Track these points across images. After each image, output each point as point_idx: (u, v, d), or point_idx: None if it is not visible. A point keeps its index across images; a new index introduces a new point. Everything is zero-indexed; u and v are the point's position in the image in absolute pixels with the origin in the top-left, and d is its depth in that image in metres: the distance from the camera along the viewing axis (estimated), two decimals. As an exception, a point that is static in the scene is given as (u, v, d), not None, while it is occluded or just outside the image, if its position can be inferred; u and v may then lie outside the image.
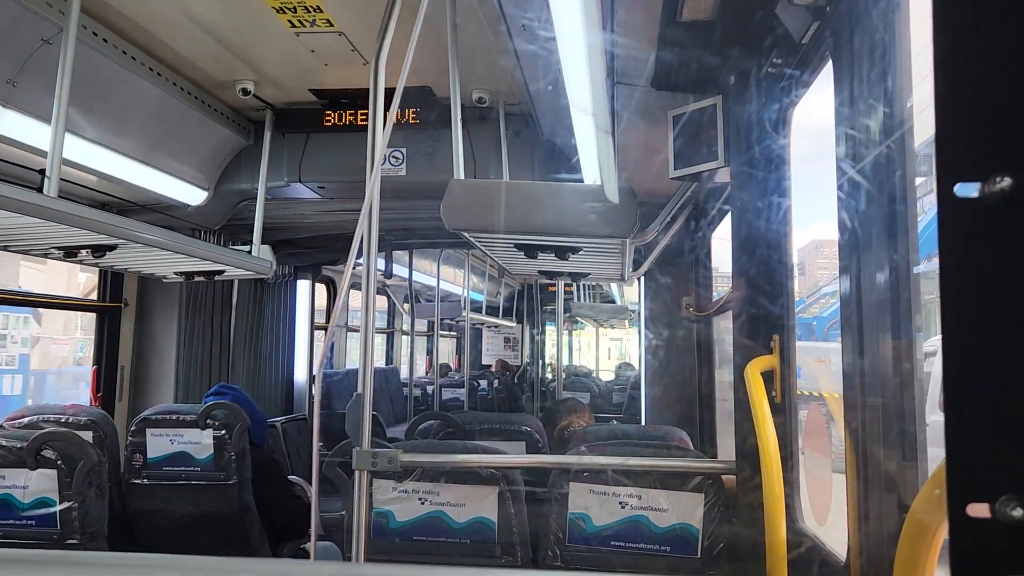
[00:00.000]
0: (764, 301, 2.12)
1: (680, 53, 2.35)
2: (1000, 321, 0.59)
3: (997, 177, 0.59)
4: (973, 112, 0.62)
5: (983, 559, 0.57)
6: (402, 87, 1.81)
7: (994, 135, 0.61)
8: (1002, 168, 0.59)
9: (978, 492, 0.58)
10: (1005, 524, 0.56)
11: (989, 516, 0.57)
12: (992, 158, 0.60)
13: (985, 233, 0.59)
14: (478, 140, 3.76)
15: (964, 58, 0.63)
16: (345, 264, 2.02)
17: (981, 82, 0.62)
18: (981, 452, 0.60)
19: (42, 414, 3.41)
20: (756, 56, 2.11)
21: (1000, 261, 0.58)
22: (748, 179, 2.21)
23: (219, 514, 3.44)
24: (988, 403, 0.60)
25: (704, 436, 4.11)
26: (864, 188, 1.46)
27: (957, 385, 0.61)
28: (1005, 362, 0.59)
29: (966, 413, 0.61)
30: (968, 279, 0.60)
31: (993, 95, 0.61)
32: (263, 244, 3.96)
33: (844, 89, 1.56)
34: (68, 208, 2.40)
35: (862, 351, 1.46)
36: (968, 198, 0.60)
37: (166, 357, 4.70)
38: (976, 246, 0.60)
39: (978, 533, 0.58)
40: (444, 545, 2.46)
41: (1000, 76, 0.62)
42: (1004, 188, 0.58)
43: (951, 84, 0.63)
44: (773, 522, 1.74)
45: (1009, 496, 0.57)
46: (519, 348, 13.40)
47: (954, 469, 0.60)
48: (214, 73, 3.42)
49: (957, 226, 0.60)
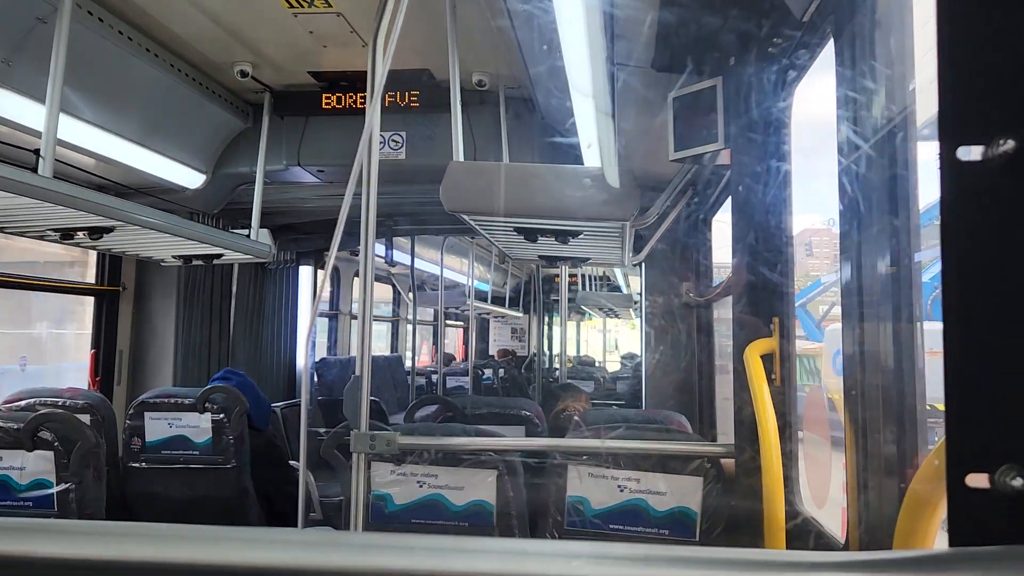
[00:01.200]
0: (763, 285, 2.10)
1: (680, 34, 2.33)
2: (1002, 288, 0.58)
3: (1000, 140, 0.57)
4: (976, 75, 0.60)
5: (982, 529, 0.56)
6: (387, 66, 1.79)
7: (997, 98, 0.59)
8: (1005, 131, 0.58)
9: (978, 463, 0.58)
10: (1004, 494, 0.55)
11: (989, 486, 0.56)
12: (995, 121, 0.59)
13: (988, 195, 0.58)
14: (478, 123, 3.73)
15: (967, 22, 0.61)
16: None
17: (984, 45, 0.60)
18: (981, 423, 0.59)
19: (39, 397, 3.41)
20: (757, 36, 2.08)
21: (1003, 224, 0.57)
22: (748, 160, 2.19)
23: (217, 498, 3.44)
24: (988, 374, 0.59)
25: (703, 420, 4.11)
26: (865, 169, 1.44)
27: (958, 355, 0.60)
28: (1007, 330, 0.58)
29: (966, 384, 0.60)
30: (971, 242, 0.58)
31: (996, 58, 0.60)
32: (262, 228, 3.95)
33: (846, 67, 1.54)
34: (63, 188, 2.39)
35: (863, 328, 1.45)
36: (971, 161, 0.58)
37: (165, 341, 4.70)
38: (979, 211, 0.59)
39: (977, 503, 0.57)
40: (442, 528, 2.46)
41: (1002, 39, 0.60)
42: (1007, 151, 0.57)
43: (954, 47, 0.62)
44: (772, 503, 1.73)
45: (1009, 466, 0.56)
46: (526, 338, 13.40)
47: (954, 440, 0.59)
48: (212, 55, 3.39)
49: (960, 189, 0.59)
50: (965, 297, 0.60)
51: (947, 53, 0.62)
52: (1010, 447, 0.57)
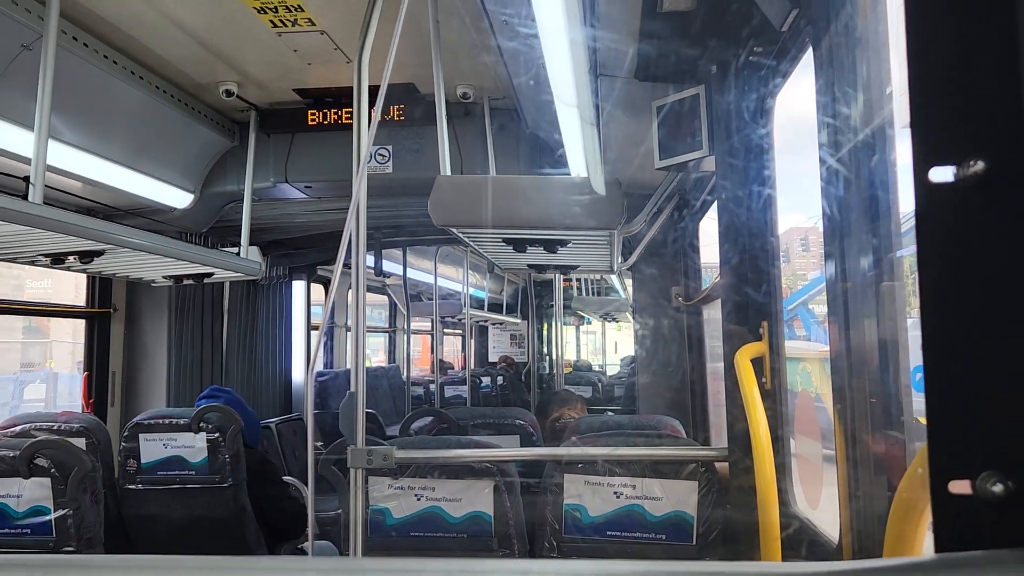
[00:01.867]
0: (751, 288, 2.13)
1: (661, 44, 2.36)
2: (977, 302, 0.60)
3: (971, 161, 0.60)
4: (947, 97, 0.63)
5: (965, 534, 0.58)
6: (386, 84, 1.81)
7: (968, 119, 0.62)
8: (976, 152, 0.60)
9: (959, 470, 0.60)
10: (986, 500, 0.57)
11: (970, 492, 0.58)
12: (966, 142, 0.61)
13: (961, 216, 0.60)
14: (464, 136, 3.76)
15: (937, 43, 0.64)
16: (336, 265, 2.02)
17: (954, 66, 0.63)
18: (961, 430, 0.61)
19: (34, 422, 3.40)
20: (737, 45, 2.12)
21: (975, 243, 0.60)
22: (732, 167, 2.22)
23: (215, 517, 3.44)
24: (967, 383, 0.61)
25: (697, 424, 4.13)
26: (844, 174, 1.47)
27: (937, 365, 0.62)
28: (983, 341, 0.60)
29: (946, 393, 0.62)
30: (945, 261, 0.61)
31: (965, 79, 0.62)
32: (251, 245, 3.95)
33: (824, 76, 1.57)
34: (54, 215, 2.39)
35: (848, 335, 1.48)
36: (943, 183, 0.61)
37: (157, 361, 4.69)
38: (952, 230, 0.61)
39: (960, 509, 0.59)
40: (441, 540, 2.47)
41: (972, 60, 0.63)
42: (978, 171, 0.59)
43: (924, 69, 0.64)
44: (766, 506, 1.75)
45: (989, 472, 0.58)
46: (526, 345, 13.39)
47: (936, 448, 0.62)
48: (196, 75, 3.41)
49: (934, 210, 0.61)
50: (942, 311, 0.62)
51: (917, 75, 0.64)
52: (990, 454, 0.59)
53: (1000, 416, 0.60)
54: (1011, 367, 0.59)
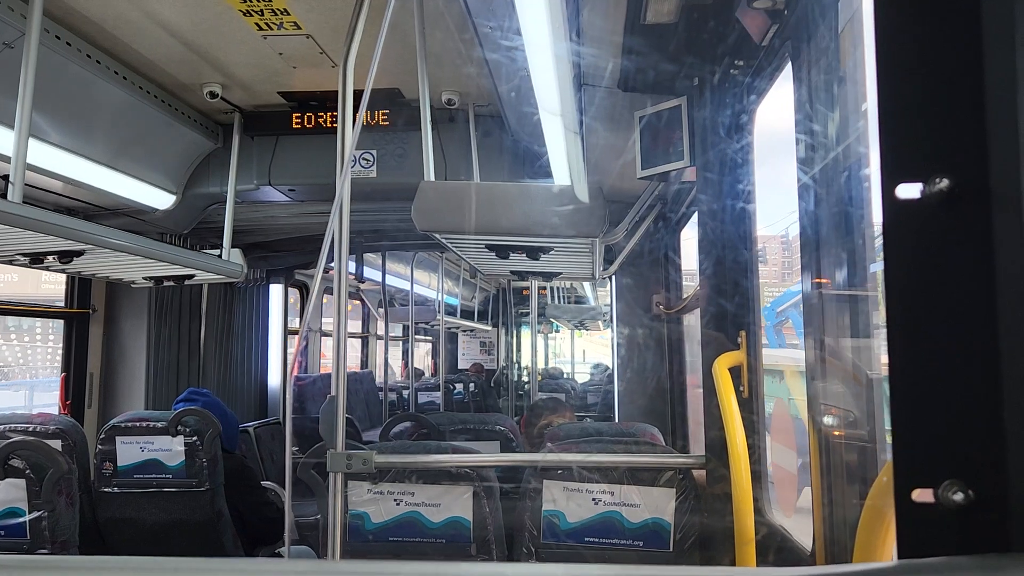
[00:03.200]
0: (729, 298, 2.16)
1: (644, 56, 2.38)
2: (942, 315, 0.62)
3: (936, 178, 0.62)
4: (914, 116, 0.65)
5: (927, 541, 0.60)
6: (370, 89, 1.82)
7: (933, 138, 0.64)
8: (941, 169, 0.62)
9: (922, 479, 0.62)
10: (947, 508, 0.59)
11: (933, 501, 0.60)
12: (932, 159, 0.63)
13: (926, 232, 0.62)
14: (448, 142, 3.77)
15: (905, 63, 0.66)
16: (317, 268, 2.03)
17: (921, 87, 0.65)
18: (925, 441, 0.63)
19: (9, 423, 3.36)
20: (718, 58, 2.15)
21: (940, 258, 0.62)
22: (712, 178, 2.25)
23: (192, 521, 3.42)
24: (931, 394, 0.63)
25: (676, 432, 4.16)
26: (820, 186, 1.50)
27: (902, 377, 0.64)
28: (946, 354, 0.62)
29: (910, 404, 0.64)
30: (911, 276, 0.63)
31: (932, 99, 0.64)
32: (233, 248, 3.94)
33: (802, 90, 1.60)
34: (33, 214, 2.38)
35: (823, 345, 1.50)
36: (910, 199, 0.63)
37: (136, 363, 4.65)
38: (918, 244, 0.63)
39: (923, 517, 0.61)
40: (420, 545, 2.47)
41: (939, 80, 0.65)
42: (943, 188, 0.61)
43: (893, 88, 0.67)
44: (741, 513, 1.77)
45: (951, 482, 0.60)
46: (495, 352, 13.42)
47: (900, 457, 0.64)
48: (181, 76, 3.40)
49: (900, 226, 0.63)
50: (907, 324, 0.64)
51: (885, 95, 0.66)
52: (952, 464, 0.61)
53: (963, 427, 0.62)
54: (974, 379, 0.61)
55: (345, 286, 2.18)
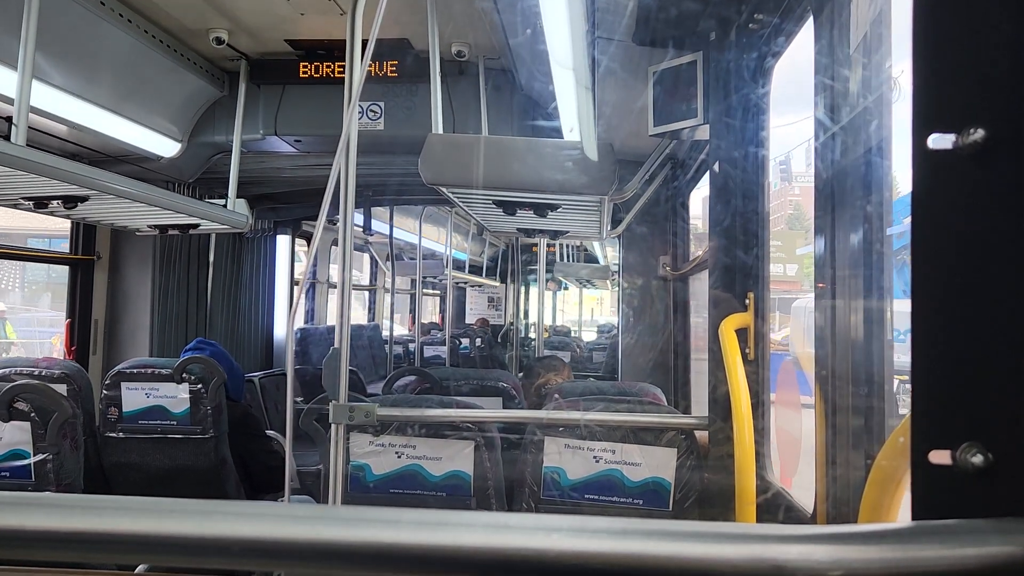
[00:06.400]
0: (739, 259, 2.13)
1: (660, 7, 2.32)
2: (969, 272, 0.60)
3: (971, 129, 0.59)
4: (949, 64, 0.62)
5: (943, 504, 0.59)
6: (375, 34, 1.78)
7: (969, 87, 0.61)
8: (975, 120, 0.59)
9: (940, 440, 0.60)
10: (965, 470, 0.58)
11: (950, 463, 0.59)
12: (966, 110, 0.60)
13: (957, 183, 0.59)
14: (457, 94, 3.71)
15: (942, 12, 0.63)
16: (328, 220, 2.00)
17: (957, 34, 0.62)
18: (944, 402, 0.61)
19: (14, 367, 3.38)
20: (737, 10, 2.09)
21: (970, 211, 0.59)
22: (727, 136, 2.21)
23: (195, 468, 3.45)
24: (953, 354, 0.61)
25: (678, 392, 4.16)
26: (840, 142, 1.47)
27: (925, 335, 0.62)
28: (971, 314, 0.60)
29: (932, 363, 0.62)
30: (939, 229, 0.60)
31: (969, 47, 0.61)
32: (239, 198, 3.91)
33: (824, 42, 1.56)
34: (37, 157, 2.35)
35: (834, 305, 1.48)
36: (942, 150, 0.60)
37: (140, 311, 4.66)
38: (948, 198, 0.61)
39: (939, 479, 0.59)
40: (420, 498, 2.49)
41: (976, 28, 0.61)
42: (977, 140, 0.58)
43: (928, 37, 0.63)
44: (743, 473, 1.77)
45: (970, 443, 0.58)
46: (503, 307, 13.45)
47: (918, 418, 0.62)
48: (187, 21, 3.34)
49: (930, 177, 0.60)
50: (933, 282, 0.62)
51: (921, 43, 0.63)
52: (971, 425, 0.59)
53: (984, 388, 0.60)
54: (998, 339, 0.59)
55: (351, 237, 2.16)
